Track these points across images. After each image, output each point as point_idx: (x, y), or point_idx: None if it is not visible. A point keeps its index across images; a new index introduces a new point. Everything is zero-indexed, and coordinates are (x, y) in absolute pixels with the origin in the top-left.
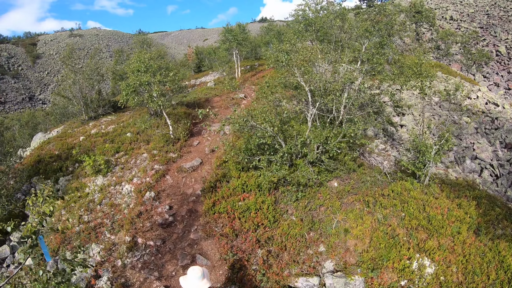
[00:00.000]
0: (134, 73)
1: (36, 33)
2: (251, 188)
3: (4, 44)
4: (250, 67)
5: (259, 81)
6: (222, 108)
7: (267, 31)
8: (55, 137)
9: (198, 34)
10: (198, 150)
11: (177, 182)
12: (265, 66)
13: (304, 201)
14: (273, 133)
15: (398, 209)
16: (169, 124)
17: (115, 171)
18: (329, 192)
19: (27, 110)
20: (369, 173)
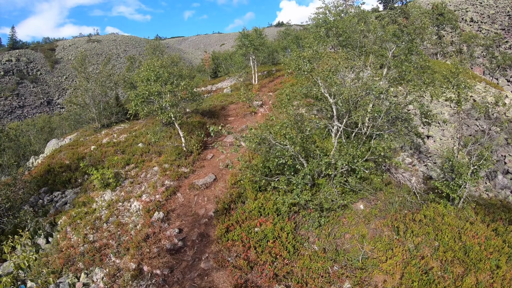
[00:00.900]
0: (143, 82)
1: (55, 39)
2: (269, 211)
3: (23, 49)
4: (267, 73)
5: (277, 87)
6: (239, 117)
7: (284, 36)
8: (66, 146)
9: (215, 39)
10: (212, 164)
11: (189, 200)
12: (282, 72)
13: (327, 228)
14: (294, 152)
15: (431, 237)
16: (181, 136)
17: (125, 185)
18: (354, 215)
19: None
20: (397, 192)
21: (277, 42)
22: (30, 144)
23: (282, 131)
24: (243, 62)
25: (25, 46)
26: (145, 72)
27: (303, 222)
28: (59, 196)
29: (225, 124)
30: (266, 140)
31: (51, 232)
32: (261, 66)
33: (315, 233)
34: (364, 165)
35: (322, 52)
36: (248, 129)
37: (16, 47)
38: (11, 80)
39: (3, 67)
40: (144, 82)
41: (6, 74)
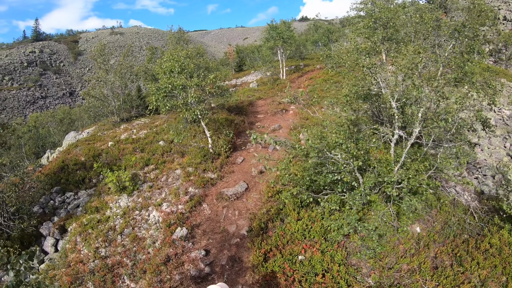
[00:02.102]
0: (166, 74)
1: (78, 31)
2: (315, 235)
3: (46, 41)
4: (295, 68)
5: (308, 83)
6: (269, 114)
7: (315, 29)
8: (83, 140)
9: (238, 32)
10: (242, 169)
11: (216, 213)
12: (311, 67)
13: (383, 256)
14: (353, 167)
15: (499, 271)
16: (208, 136)
17: (143, 190)
18: (411, 240)
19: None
20: (453, 211)
21: (304, 36)
22: (50, 135)
23: (339, 140)
24: (270, 56)
25: (49, 38)
26: (168, 62)
27: (354, 248)
28: (71, 197)
29: (255, 122)
30: (321, 152)
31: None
32: (288, 60)
33: (370, 263)
34: (430, 183)
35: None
36: (293, 134)
37: (40, 39)
38: (34, 71)
39: (26, 58)
40: (167, 74)
41: (30, 65)
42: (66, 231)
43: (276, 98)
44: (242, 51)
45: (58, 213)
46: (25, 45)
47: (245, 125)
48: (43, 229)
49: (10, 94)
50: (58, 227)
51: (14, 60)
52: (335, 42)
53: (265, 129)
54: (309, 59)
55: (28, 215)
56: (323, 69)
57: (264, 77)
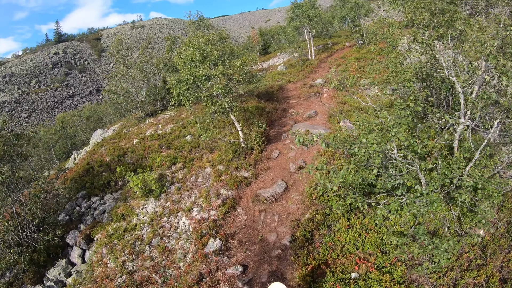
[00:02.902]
0: (187, 64)
1: (99, 28)
2: (369, 246)
3: (69, 41)
4: (323, 47)
5: (339, 62)
6: (301, 99)
7: (342, 4)
8: (108, 139)
9: (259, 15)
10: (279, 165)
11: (253, 219)
12: (340, 45)
13: (448, 271)
14: (418, 169)
15: None
16: (238, 129)
17: (171, 192)
18: (475, 246)
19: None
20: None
21: (330, 13)
22: (77, 134)
23: (403, 139)
24: (296, 36)
25: (71, 38)
26: (188, 51)
27: (412, 259)
28: (97, 202)
29: (288, 108)
30: (383, 154)
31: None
32: (315, 39)
33: (432, 279)
34: (501, 181)
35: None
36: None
37: (62, 40)
38: (60, 72)
39: (51, 60)
40: (188, 64)
41: (55, 67)
42: (93, 240)
43: (307, 80)
44: (266, 34)
45: (84, 220)
46: (49, 47)
47: (278, 113)
48: (69, 238)
49: (38, 97)
50: (84, 236)
51: (39, 63)
52: (365, 17)
53: (299, 116)
54: (336, 37)
55: (53, 225)
56: (353, 46)
57: (292, 59)
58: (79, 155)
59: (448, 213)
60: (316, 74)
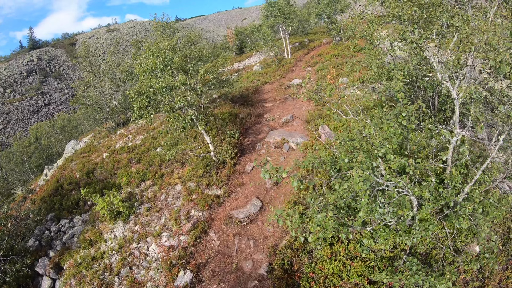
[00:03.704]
0: (147, 75)
1: (74, 33)
2: (355, 276)
3: (43, 48)
4: (299, 44)
5: (316, 60)
6: (278, 102)
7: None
8: (78, 153)
9: (235, 14)
10: (254, 180)
11: (227, 244)
12: (317, 42)
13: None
14: (411, 195)
15: None
16: (208, 142)
17: (140, 213)
18: (472, 263)
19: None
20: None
21: (305, 9)
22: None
23: (391, 161)
24: (271, 34)
25: (45, 44)
26: (149, 59)
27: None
28: (66, 225)
29: (263, 113)
30: (376, 183)
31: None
32: (291, 37)
33: None
34: (503, 197)
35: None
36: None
37: (37, 47)
38: (35, 80)
39: (25, 68)
40: (147, 74)
41: (29, 75)
42: (62, 269)
43: (283, 80)
44: (242, 33)
45: (54, 245)
46: (23, 55)
47: (252, 118)
48: (39, 267)
49: (13, 107)
50: (53, 265)
51: (13, 72)
52: (341, 12)
53: (275, 122)
54: (313, 34)
55: (22, 253)
56: (330, 43)
57: (268, 58)
58: (50, 170)
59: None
60: (293, 73)
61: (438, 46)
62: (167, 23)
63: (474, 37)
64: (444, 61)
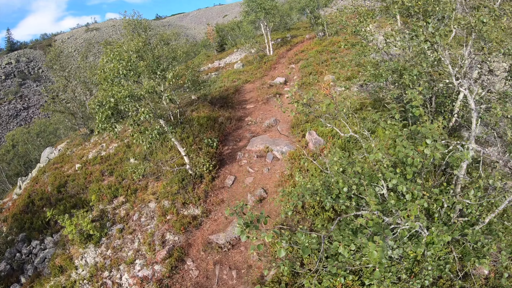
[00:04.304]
0: (109, 82)
1: (53, 33)
2: None
3: (22, 49)
4: (281, 40)
5: (299, 57)
6: (260, 103)
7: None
8: (51, 164)
9: (216, 11)
10: (235, 196)
11: (206, 275)
12: (300, 38)
13: None
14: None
15: None
16: (183, 155)
17: (112, 235)
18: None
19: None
20: None
21: (287, 4)
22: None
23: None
24: (252, 31)
25: (24, 46)
26: (111, 63)
27: None
28: (37, 247)
29: (244, 117)
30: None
31: None
32: (273, 33)
33: None
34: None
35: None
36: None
37: (15, 49)
38: (13, 83)
39: (3, 71)
40: (109, 81)
41: (8, 78)
42: None
43: (266, 79)
44: (223, 30)
45: (25, 269)
46: (0, 57)
47: (233, 123)
48: None
49: None
50: None
51: None
52: (325, 7)
53: (258, 126)
54: (295, 29)
55: None
56: (313, 38)
57: (249, 55)
58: (24, 182)
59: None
60: (275, 71)
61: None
62: (137, 21)
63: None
64: (461, 64)
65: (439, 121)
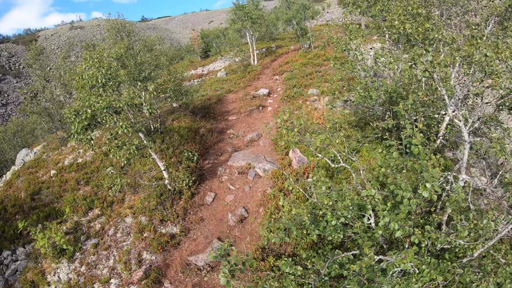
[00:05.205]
0: (86, 90)
1: (37, 29)
2: None
3: (4, 44)
4: (266, 50)
5: (284, 68)
6: (242, 114)
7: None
8: (25, 168)
9: (202, 16)
10: (215, 215)
11: None
12: (285, 49)
13: None
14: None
15: None
16: (162, 169)
17: (86, 250)
18: None
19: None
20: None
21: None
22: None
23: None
24: (237, 39)
25: (6, 40)
26: (90, 70)
27: None
28: (9, 258)
29: (226, 129)
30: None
31: None
32: (258, 42)
33: None
34: None
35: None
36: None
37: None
38: None
39: None
40: (87, 90)
41: None
42: None
43: (249, 89)
44: (208, 36)
45: None
46: None
47: (214, 136)
48: None
49: None
50: None
51: None
52: (311, 19)
53: (240, 140)
54: (280, 40)
55: None
56: (298, 50)
57: (233, 64)
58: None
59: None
60: (259, 81)
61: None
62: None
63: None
64: (458, 96)
65: (435, 158)
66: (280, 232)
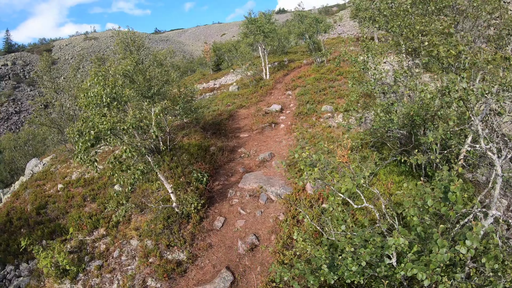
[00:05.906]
0: (90, 109)
1: (51, 39)
2: None
3: (19, 52)
4: (278, 64)
5: (297, 84)
6: (254, 132)
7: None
8: (33, 180)
9: (215, 29)
10: (224, 241)
11: None
12: (297, 63)
13: None
14: None
15: None
16: (169, 192)
17: (90, 271)
18: None
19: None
20: None
21: (286, 28)
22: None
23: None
24: (249, 53)
25: (22, 49)
26: (95, 87)
27: None
28: (12, 273)
29: (237, 147)
30: None
31: None
32: (270, 56)
33: None
34: None
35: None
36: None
37: (12, 51)
38: (7, 85)
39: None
40: (92, 109)
41: (2, 79)
42: None
43: (261, 105)
44: (220, 49)
45: None
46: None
47: (225, 154)
48: None
49: None
50: None
51: None
52: (324, 33)
53: (251, 159)
54: (292, 53)
55: None
56: (310, 64)
57: (245, 78)
58: (5, 195)
59: None
60: (271, 96)
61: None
62: (131, 39)
63: None
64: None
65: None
66: (296, 284)
